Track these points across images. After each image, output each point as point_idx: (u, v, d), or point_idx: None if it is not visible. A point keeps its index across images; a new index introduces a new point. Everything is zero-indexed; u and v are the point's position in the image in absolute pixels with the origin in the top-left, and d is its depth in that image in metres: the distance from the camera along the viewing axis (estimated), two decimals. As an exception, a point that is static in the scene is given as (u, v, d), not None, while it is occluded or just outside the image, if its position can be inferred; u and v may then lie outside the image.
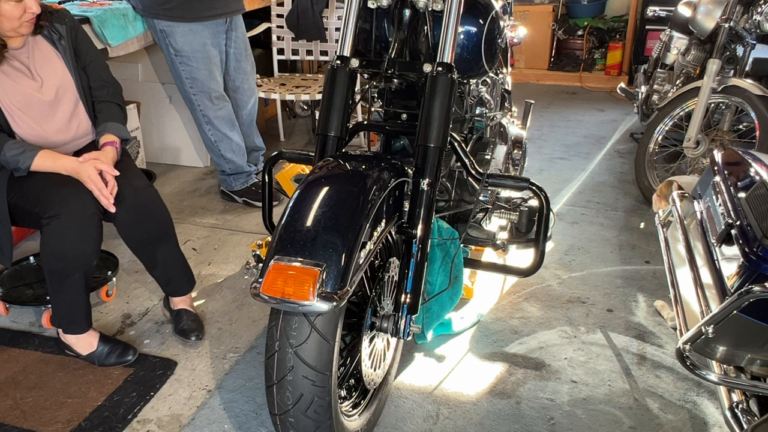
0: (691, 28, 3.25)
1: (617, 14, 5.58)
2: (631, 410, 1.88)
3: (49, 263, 1.91)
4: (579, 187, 3.43)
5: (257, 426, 1.83)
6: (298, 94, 3.70)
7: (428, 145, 1.63)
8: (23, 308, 2.34)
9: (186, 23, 2.84)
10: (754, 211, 1.46)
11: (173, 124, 3.66)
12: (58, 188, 1.91)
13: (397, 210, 1.65)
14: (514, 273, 2.06)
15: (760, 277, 1.31)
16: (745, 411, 1.40)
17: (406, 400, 1.93)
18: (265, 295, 1.33)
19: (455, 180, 2.14)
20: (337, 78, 1.71)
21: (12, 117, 1.97)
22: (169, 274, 2.17)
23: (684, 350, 1.40)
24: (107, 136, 2.07)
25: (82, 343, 2.05)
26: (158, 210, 2.07)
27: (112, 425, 1.83)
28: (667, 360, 2.09)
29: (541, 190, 1.87)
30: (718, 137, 3.09)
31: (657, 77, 3.61)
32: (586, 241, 2.85)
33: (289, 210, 1.44)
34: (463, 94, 2.20)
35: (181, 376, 2.03)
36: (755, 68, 3.13)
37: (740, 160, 1.74)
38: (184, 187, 3.47)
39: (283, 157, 1.94)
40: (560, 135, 4.26)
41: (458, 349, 2.15)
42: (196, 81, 2.96)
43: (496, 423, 1.84)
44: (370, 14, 1.81)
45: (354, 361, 1.68)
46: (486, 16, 1.92)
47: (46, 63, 2.04)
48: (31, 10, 1.91)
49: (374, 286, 1.68)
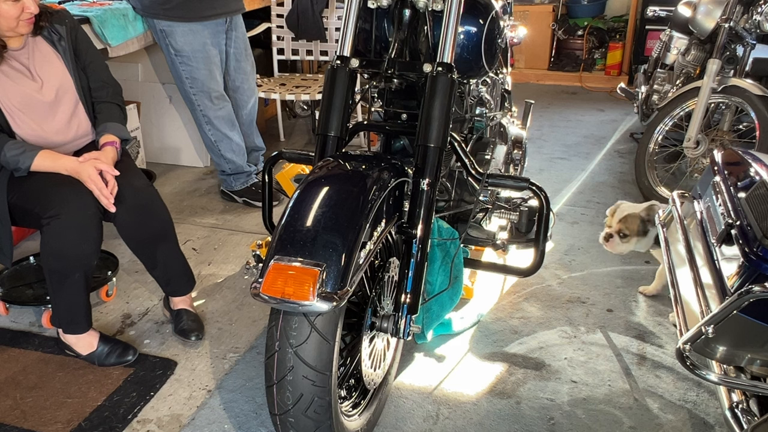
0: (691, 28, 3.25)
1: (617, 14, 5.58)
2: (631, 410, 1.88)
3: (49, 263, 1.91)
4: (579, 187, 3.43)
5: (257, 426, 1.83)
6: (298, 94, 3.70)
7: (428, 145, 1.63)
8: (23, 308, 2.34)
9: (186, 23, 2.84)
10: (754, 211, 1.46)
11: (173, 124, 3.66)
12: (59, 188, 1.91)
13: (397, 210, 1.65)
14: (514, 273, 2.06)
15: (760, 277, 1.31)
16: (745, 411, 1.40)
17: (406, 400, 1.93)
18: (265, 295, 1.33)
19: (455, 180, 2.14)
20: (337, 78, 1.71)
21: (12, 117, 1.97)
22: (169, 274, 2.17)
23: (684, 350, 1.40)
24: (107, 136, 2.07)
25: (82, 343, 2.05)
26: (158, 210, 2.07)
27: (112, 425, 1.83)
28: (667, 360, 2.09)
29: (541, 190, 1.87)
30: (718, 137, 3.08)
31: (657, 77, 3.61)
32: (586, 241, 2.85)
33: (289, 210, 1.44)
34: (463, 94, 2.20)
35: (181, 376, 2.03)
36: (755, 68, 3.13)
37: (740, 160, 1.74)
38: (184, 187, 3.47)
39: (283, 157, 1.94)
40: (560, 135, 4.26)
41: (458, 349, 2.15)
42: (196, 81, 2.96)
43: (496, 423, 1.84)
44: (370, 14, 1.81)
45: (354, 361, 1.68)
46: (486, 16, 1.92)
47: (46, 64, 2.04)
48: (29, 10, 1.91)
49: (374, 286, 1.68)
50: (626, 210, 2.31)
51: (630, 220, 2.28)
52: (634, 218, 2.28)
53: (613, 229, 2.31)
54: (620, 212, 2.31)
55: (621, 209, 2.33)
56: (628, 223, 2.28)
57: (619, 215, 2.31)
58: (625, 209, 2.32)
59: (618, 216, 2.31)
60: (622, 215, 2.30)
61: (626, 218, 2.29)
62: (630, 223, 2.28)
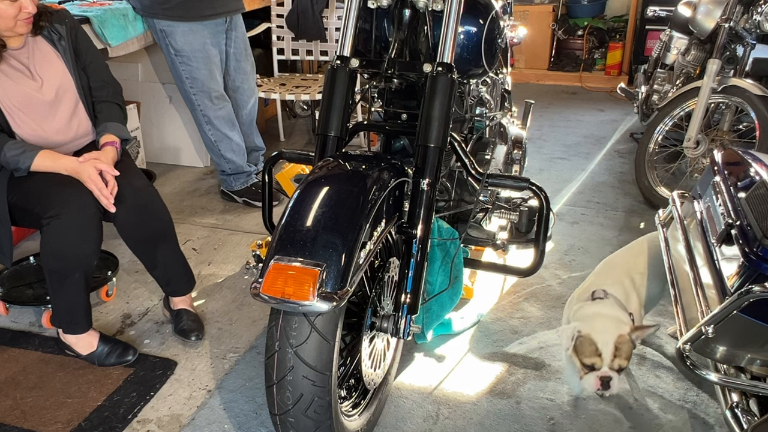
0: (691, 28, 3.25)
1: (617, 14, 5.58)
2: (631, 410, 1.88)
3: (49, 263, 1.91)
4: (579, 187, 3.43)
5: (257, 426, 1.83)
6: (298, 94, 3.70)
7: (428, 145, 1.63)
8: (23, 308, 2.34)
9: (186, 23, 2.84)
10: (754, 211, 1.46)
11: (173, 124, 3.66)
12: (59, 188, 1.91)
13: (397, 210, 1.65)
14: (514, 273, 2.06)
15: (760, 277, 1.31)
16: (745, 411, 1.40)
17: (406, 400, 1.93)
18: (265, 295, 1.33)
19: (455, 180, 2.14)
20: (337, 78, 1.71)
21: (12, 117, 1.97)
22: (169, 274, 2.17)
23: (684, 350, 1.40)
24: (107, 136, 2.07)
25: (82, 343, 2.05)
26: (158, 210, 2.07)
27: (112, 425, 1.83)
28: (667, 360, 2.08)
29: (541, 190, 1.87)
30: (718, 137, 3.08)
31: (657, 77, 3.61)
32: (586, 241, 2.85)
33: (289, 210, 1.44)
34: (463, 94, 2.20)
35: (181, 376, 2.03)
36: (755, 68, 3.13)
37: (740, 160, 1.74)
38: (184, 187, 3.47)
39: (283, 157, 1.94)
40: (560, 135, 4.26)
41: (458, 349, 2.15)
42: (196, 81, 2.96)
43: (496, 423, 1.84)
44: (370, 14, 1.81)
45: (354, 361, 1.68)
46: (486, 16, 1.92)
47: (46, 63, 2.04)
48: (26, 10, 1.91)
49: (374, 286, 1.68)
50: (609, 338, 1.64)
51: (625, 349, 1.64)
52: (627, 345, 1.65)
53: (608, 364, 1.63)
54: (604, 343, 1.62)
55: (598, 338, 1.63)
56: (624, 354, 1.64)
57: (608, 347, 1.62)
58: (605, 337, 1.63)
59: (608, 348, 1.62)
60: (611, 347, 1.63)
61: (620, 349, 1.63)
62: (626, 353, 1.65)
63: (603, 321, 1.68)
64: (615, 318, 1.69)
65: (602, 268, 1.98)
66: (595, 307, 1.73)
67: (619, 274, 1.90)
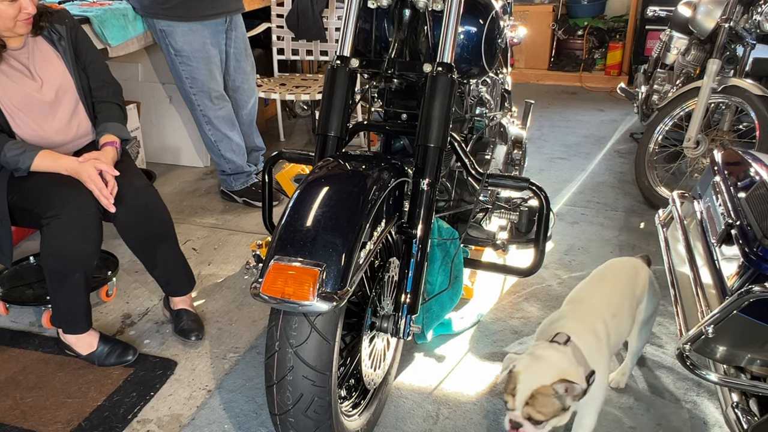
0: (691, 28, 3.25)
1: (617, 14, 5.59)
2: (631, 410, 1.88)
3: (49, 263, 1.91)
4: (579, 187, 3.43)
5: (257, 426, 1.83)
6: (298, 94, 3.70)
7: (428, 145, 1.63)
8: (23, 308, 2.34)
9: (186, 23, 2.85)
10: (754, 211, 1.46)
11: (173, 124, 3.66)
12: (59, 188, 1.91)
13: (397, 210, 1.65)
14: (514, 273, 2.06)
15: (760, 277, 1.31)
16: (745, 411, 1.40)
17: (406, 400, 1.93)
18: (265, 295, 1.33)
19: (455, 180, 2.14)
20: (337, 78, 1.71)
21: (12, 117, 1.97)
22: (169, 274, 2.17)
23: (684, 350, 1.40)
24: (107, 136, 2.07)
25: (82, 343, 2.05)
26: (158, 210, 2.07)
27: (112, 425, 1.83)
28: (667, 360, 2.08)
29: (541, 190, 1.87)
30: (718, 137, 3.09)
31: (657, 77, 3.62)
32: (586, 241, 2.85)
33: (289, 210, 1.44)
34: (463, 94, 2.20)
35: (181, 376, 2.03)
36: (755, 68, 3.13)
37: (740, 160, 1.74)
38: (184, 187, 3.47)
39: (283, 157, 1.94)
40: (560, 135, 4.26)
41: (458, 349, 2.15)
42: (196, 81, 2.96)
43: (496, 423, 1.84)
44: (370, 14, 1.81)
45: (354, 361, 1.68)
46: (486, 16, 1.92)
47: (46, 63, 2.04)
48: (26, 11, 1.90)
49: (374, 286, 1.68)
50: (531, 383, 1.47)
51: (541, 401, 1.46)
52: (546, 398, 1.46)
53: (518, 413, 1.48)
54: (523, 387, 1.48)
55: (522, 379, 1.48)
56: (539, 406, 1.46)
57: (524, 392, 1.47)
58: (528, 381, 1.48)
59: (522, 394, 1.47)
60: (527, 393, 1.47)
61: (536, 399, 1.47)
62: (542, 406, 1.46)
63: (540, 366, 1.50)
64: (557, 369, 1.48)
65: (576, 306, 1.75)
66: (547, 350, 1.54)
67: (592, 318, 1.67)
